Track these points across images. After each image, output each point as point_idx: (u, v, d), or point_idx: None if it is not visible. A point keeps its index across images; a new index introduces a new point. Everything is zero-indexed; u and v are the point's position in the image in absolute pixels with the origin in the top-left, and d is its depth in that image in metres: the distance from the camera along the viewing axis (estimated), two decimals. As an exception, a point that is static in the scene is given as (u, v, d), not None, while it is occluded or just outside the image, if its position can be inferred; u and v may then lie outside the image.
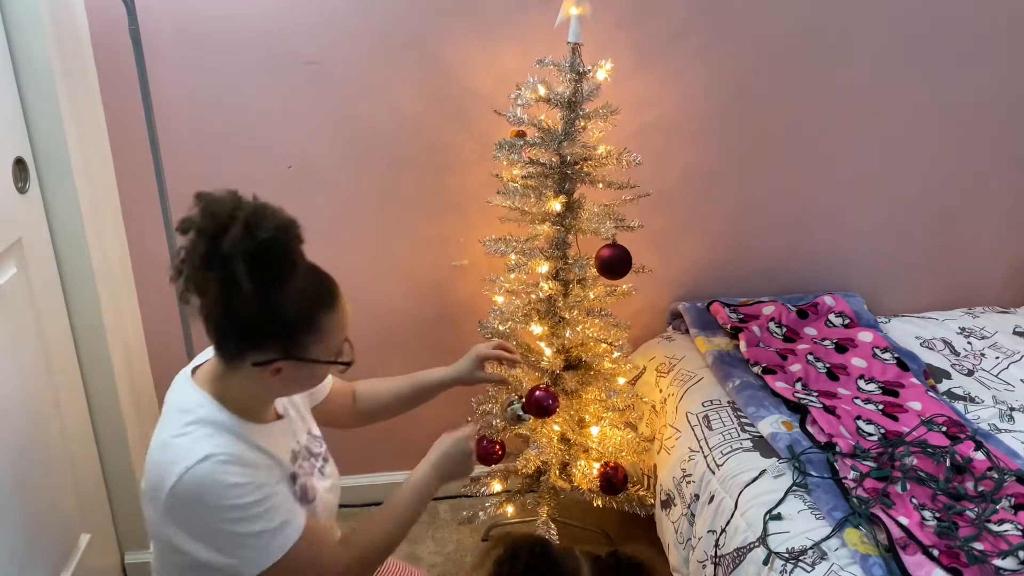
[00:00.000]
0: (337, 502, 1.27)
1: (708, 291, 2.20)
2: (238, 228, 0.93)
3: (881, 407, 1.74)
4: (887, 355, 1.93)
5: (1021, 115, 2.17)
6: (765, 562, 1.38)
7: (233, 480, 1.00)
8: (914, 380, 1.85)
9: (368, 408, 1.42)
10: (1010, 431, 1.72)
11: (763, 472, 1.55)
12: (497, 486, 1.94)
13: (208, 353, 1.15)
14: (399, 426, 2.17)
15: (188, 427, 1.02)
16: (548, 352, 1.76)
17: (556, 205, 1.66)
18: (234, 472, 1.00)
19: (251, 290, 0.95)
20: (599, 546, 2.08)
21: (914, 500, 1.44)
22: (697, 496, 1.65)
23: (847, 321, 2.08)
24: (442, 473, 1.27)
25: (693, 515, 1.66)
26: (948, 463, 1.53)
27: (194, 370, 1.12)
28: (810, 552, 1.36)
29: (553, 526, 1.84)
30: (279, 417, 1.17)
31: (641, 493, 1.89)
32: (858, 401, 1.76)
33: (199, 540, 1.01)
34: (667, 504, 1.78)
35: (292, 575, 1.06)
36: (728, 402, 1.80)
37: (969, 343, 2.09)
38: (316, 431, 1.28)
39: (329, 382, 1.36)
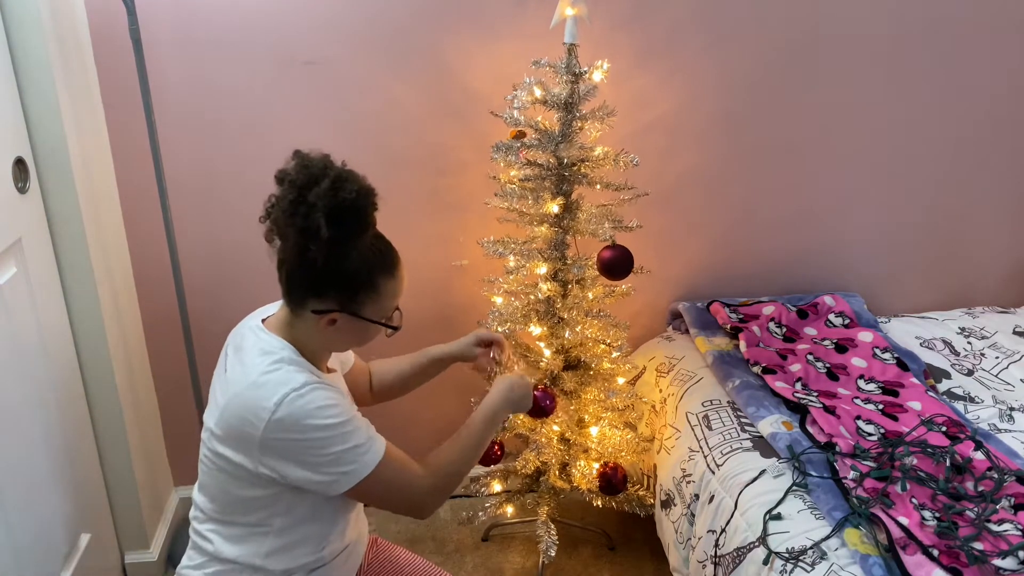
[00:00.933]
0: None
1: (708, 291, 2.20)
2: (326, 183, 1.04)
3: (881, 407, 1.74)
4: (887, 355, 1.93)
5: (1021, 115, 2.17)
6: (765, 562, 1.38)
7: (324, 402, 1.09)
8: (914, 380, 1.85)
9: (381, 385, 1.49)
10: (1010, 431, 1.72)
11: (763, 472, 1.55)
12: (497, 486, 1.95)
13: (268, 309, 1.26)
14: (400, 425, 2.17)
15: (275, 364, 1.11)
16: (547, 353, 1.76)
17: (554, 207, 1.66)
18: (324, 396, 1.10)
19: (326, 240, 1.04)
20: (599, 546, 2.08)
21: (914, 500, 1.44)
22: (697, 496, 1.65)
23: (847, 321, 2.08)
24: (508, 402, 1.38)
25: (693, 515, 1.66)
26: (948, 463, 1.53)
27: (264, 320, 1.21)
28: (810, 552, 1.36)
29: (553, 526, 1.84)
30: (331, 371, 1.27)
31: (641, 493, 1.89)
32: (858, 401, 1.76)
33: (294, 461, 1.10)
34: (667, 504, 1.78)
35: (380, 491, 1.17)
36: (728, 402, 1.80)
37: (969, 343, 2.08)
38: (345, 388, 1.36)
39: (352, 355, 1.44)
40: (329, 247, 1.06)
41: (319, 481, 1.12)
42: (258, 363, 1.12)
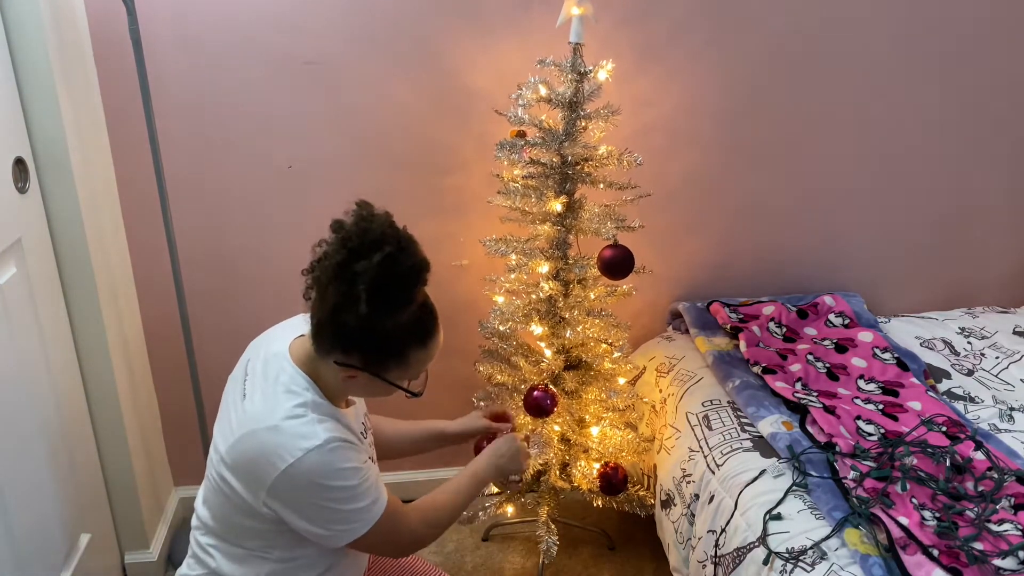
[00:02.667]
0: None
1: (708, 291, 2.20)
2: (378, 257, 1.00)
3: (881, 407, 1.75)
4: (887, 355, 1.93)
5: (1022, 115, 2.17)
6: (765, 562, 1.38)
7: (344, 464, 1.08)
8: (914, 380, 1.85)
9: (378, 439, 1.46)
10: (1010, 431, 1.72)
11: (763, 472, 1.55)
12: (496, 487, 1.94)
13: (294, 326, 1.22)
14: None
15: (297, 409, 1.09)
16: (548, 352, 1.76)
17: (557, 205, 1.66)
18: (345, 456, 1.09)
19: (364, 313, 1.01)
20: (599, 546, 2.08)
21: (914, 500, 1.44)
22: (697, 496, 1.65)
23: (847, 321, 2.08)
24: (496, 468, 1.42)
25: (693, 515, 1.66)
26: (948, 463, 1.53)
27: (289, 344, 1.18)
28: (810, 552, 1.36)
29: (553, 526, 1.84)
30: (349, 404, 1.24)
31: (641, 493, 1.89)
32: (858, 401, 1.76)
33: (297, 512, 1.10)
34: (667, 504, 1.78)
35: (373, 541, 1.16)
36: (728, 402, 1.80)
37: (969, 343, 2.09)
38: (364, 408, 1.35)
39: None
40: (365, 316, 1.02)
41: (318, 534, 1.12)
42: (282, 403, 1.09)
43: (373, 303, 1.01)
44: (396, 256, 1.01)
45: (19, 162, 1.44)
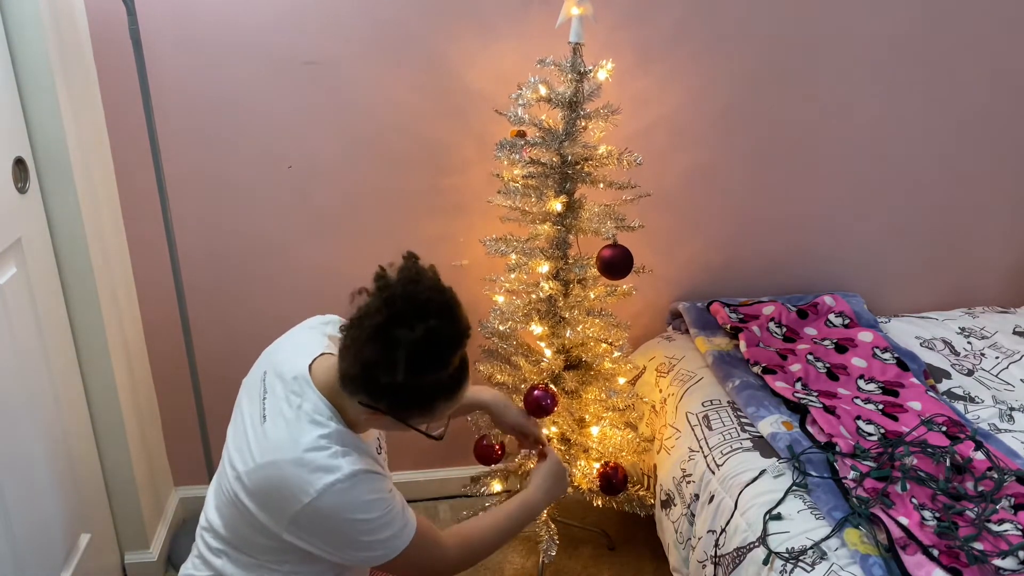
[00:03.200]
0: None
1: (708, 291, 2.20)
2: (421, 329, 0.98)
3: (881, 407, 1.75)
4: (887, 355, 1.93)
5: (1021, 115, 2.17)
6: (765, 562, 1.38)
7: (368, 497, 1.08)
8: (914, 380, 1.85)
9: None
10: (1010, 431, 1.72)
11: (763, 472, 1.55)
12: (497, 486, 1.94)
13: (309, 341, 1.19)
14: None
15: (321, 441, 1.07)
16: (548, 352, 1.76)
17: (557, 205, 1.66)
18: (370, 488, 1.08)
19: (401, 378, 0.99)
20: (599, 546, 2.08)
21: (914, 500, 1.44)
22: (697, 496, 1.65)
23: (847, 321, 2.08)
24: (547, 494, 1.40)
25: (693, 515, 1.66)
26: (948, 463, 1.53)
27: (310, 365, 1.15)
28: (810, 552, 1.36)
29: (553, 526, 1.84)
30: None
31: (641, 493, 1.89)
32: (858, 401, 1.76)
33: (321, 542, 1.09)
34: (667, 504, 1.78)
35: (403, 567, 1.16)
36: (728, 402, 1.80)
37: (969, 343, 2.09)
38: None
39: None
40: (399, 377, 1.00)
41: (341, 561, 1.12)
42: (306, 433, 1.07)
43: (411, 370, 0.99)
44: (440, 328, 0.99)
45: (19, 162, 1.44)
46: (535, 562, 2.03)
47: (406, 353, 0.98)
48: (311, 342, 1.19)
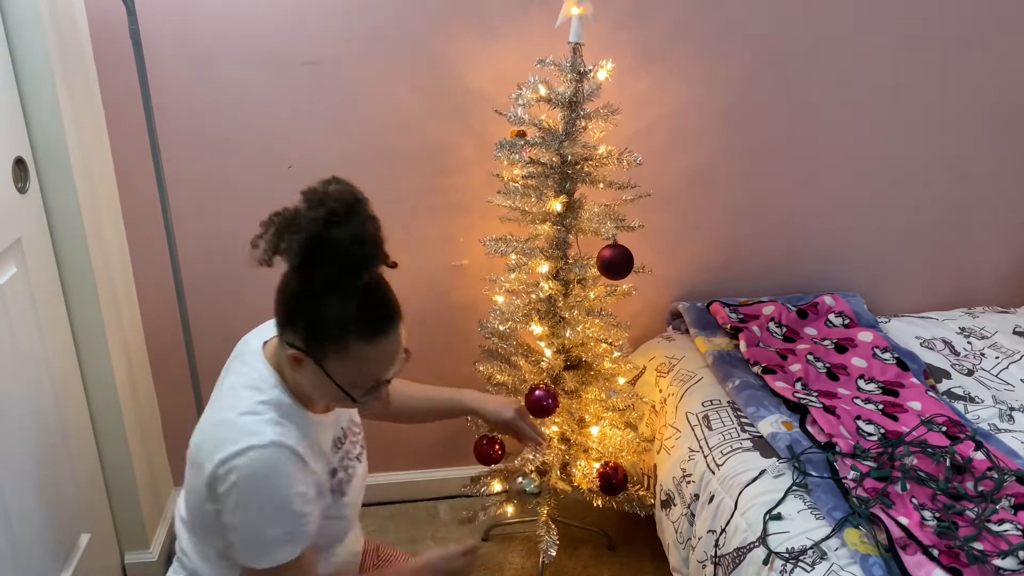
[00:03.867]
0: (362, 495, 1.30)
1: (708, 291, 2.20)
2: (321, 212, 0.94)
3: (881, 407, 1.75)
4: (887, 355, 1.93)
5: (1021, 115, 2.17)
6: (765, 562, 1.38)
7: (278, 481, 1.02)
8: (914, 380, 1.85)
9: (405, 408, 1.42)
10: (1010, 431, 1.72)
11: (763, 472, 1.55)
12: (497, 486, 1.94)
13: (271, 324, 1.15)
14: (398, 427, 2.17)
15: (259, 406, 1.04)
16: (548, 352, 1.76)
17: (557, 205, 1.66)
18: (282, 469, 1.02)
19: (294, 270, 0.98)
20: (599, 546, 2.08)
21: (914, 500, 1.44)
22: (697, 496, 1.65)
23: (847, 321, 2.08)
24: (435, 569, 1.25)
25: (693, 515, 1.66)
26: (948, 463, 1.53)
27: (265, 343, 1.14)
28: (810, 552, 1.36)
29: (553, 526, 1.84)
30: (327, 410, 1.17)
31: (641, 493, 1.89)
32: (858, 401, 1.76)
33: (224, 510, 1.03)
34: (667, 504, 1.78)
35: None
36: (728, 402, 1.80)
37: (969, 343, 2.09)
38: (357, 419, 1.30)
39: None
40: (301, 280, 0.98)
41: (227, 538, 1.06)
42: (244, 398, 1.05)
43: (305, 266, 0.96)
44: (339, 220, 0.94)
45: (19, 162, 1.44)
46: (535, 562, 2.03)
47: (301, 240, 0.94)
48: (270, 325, 1.16)
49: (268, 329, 1.17)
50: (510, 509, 1.96)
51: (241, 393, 1.06)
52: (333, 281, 0.97)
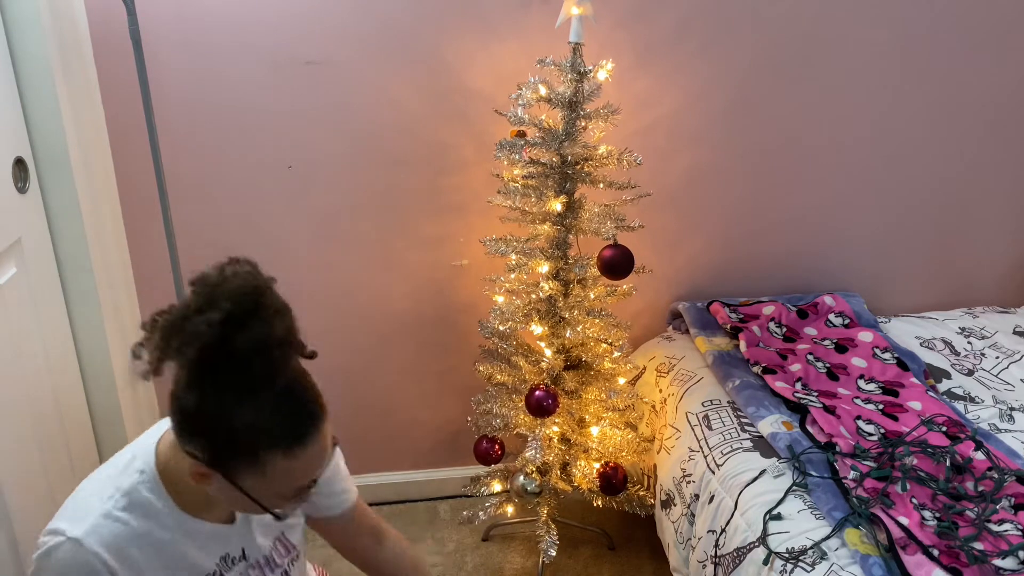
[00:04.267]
0: None
1: (708, 291, 2.20)
2: (214, 316, 0.78)
3: (881, 407, 1.75)
4: (887, 355, 1.93)
5: (1021, 115, 2.17)
6: (765, 562, 1.38)
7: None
8: (914, 380, 1.85)
9: (385, 568, 1.19)
10: (1010, 431, 1.72)
11: (763, 472, 1.55)
12: (497, 486, 1.95)
13: None
14: (401, 427, 2.17)
15: (107, 486, 0.92)
16: (548, 352, 1.76)
17: (557, 205, 1.66)
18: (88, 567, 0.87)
19: (186, 384, 0.83)
20: (599, 546, 2.08)
21: (914, 500, 1.44)
22: (697, 496, 1.65)
23: (847, 321, 2.08)
24: None
25: (693, 515, 1.66)
26: (948, 463, 1.53)
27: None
28: (810, 552, 1.36)
29: (553, 526, 1.84)
30: (230, 521, 1.01)
31: (641, 493, 1.89)
32: (858, 401, 1.76)
33: None
34: (667, 504, 1.78)
35: None
36: (728, 402, 1.80)
37: (969, 343, 2.09)
38: (294, 538, 1.11)
39: (351, 500, 1.13)
40: (194, 389, 0.82)
41: None
42: (112, 463, 0.93)
43: (201, 381, 0.81)
44: (238, 322, 0.78)
45: (19, 162, 1.44)
46: (535, 562, 2.03)
47: (192, 354, 0.79)
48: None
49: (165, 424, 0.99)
50: (510, 509, 1.96)
51: (117, 458, 0.94)
52: (238, 392, 0.81)
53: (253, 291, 0.81)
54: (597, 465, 1.83)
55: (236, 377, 0.81)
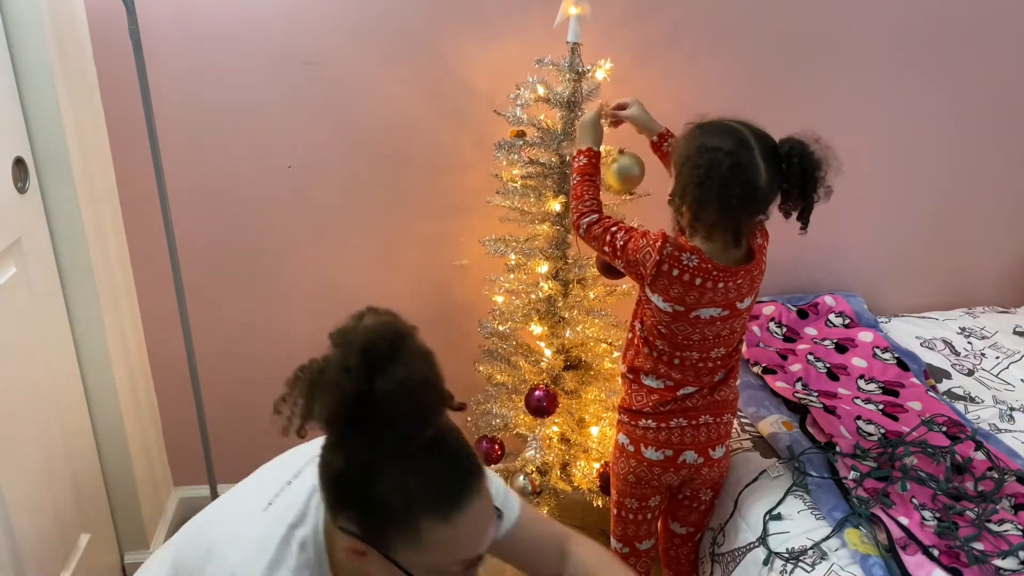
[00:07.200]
0: None
1: (708, 291, 2.20)
2: (354, 361, 0.74)
3: (881, 407, 1.74)
4: (887, 355, 1.93)
5: (1021, 115, 2.17)
6: (765, 562, 1.38)
7: None
8: (914, 380, 1.85)
9: None
10: (1010, 431, 1.72)
11: (763, 472, 1.55)
12: (497, 486, 1.94)
13: None
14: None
15: (272, 552, 0.85)
16: (548, 352, 1.76)
17: (556, 205, 1.66)
18: None
19: (331, 445, 0.78)
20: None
21: (914, 500, 1.44)
22: (697, 496, 1.65)
23: (847, 321, 2.08)
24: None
25: (693, 515, 1.66)
26: (948, 463, 1.53)
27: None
28: (810, 552, 1.36)
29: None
30: None
31: (641, 493, 1.89)
32: (858, 401, 1.76)
33: None
34: (667, 504, 1.77)
35: None
36: (728, 402, 1.80)
37: (969, 343, 2.08)
38: None
39: (516, 511, 1.04)
40: (344, 451, 0.78)
41: None
42: (270, 524, 0.87)
43: (344, 438, 0.77)
44: (381, 367, 0.75)
45: (19, 162, 1.44)
46: (535, 562, 2.02)
47: (335, 401, 0.74)
48: None
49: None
50: (510, 509, 1.95)
51: (273, 518, 0.87)
52: (385, 448, 0.76)
53: (391, 335, 0.78)
54: (597, 465, 1.83)
55: (379, 428, 0.76)
